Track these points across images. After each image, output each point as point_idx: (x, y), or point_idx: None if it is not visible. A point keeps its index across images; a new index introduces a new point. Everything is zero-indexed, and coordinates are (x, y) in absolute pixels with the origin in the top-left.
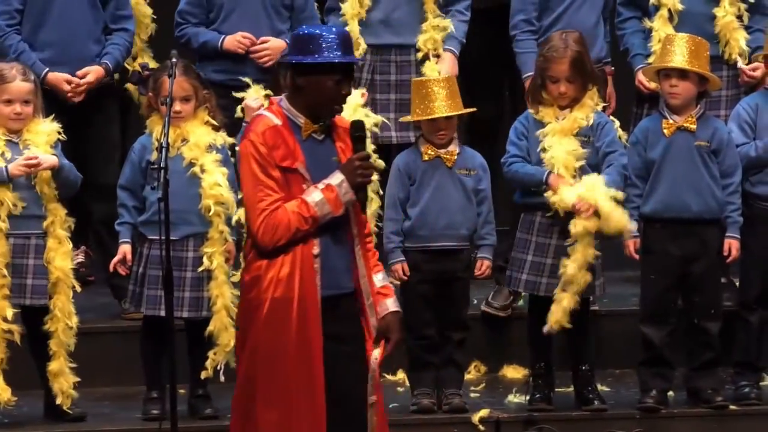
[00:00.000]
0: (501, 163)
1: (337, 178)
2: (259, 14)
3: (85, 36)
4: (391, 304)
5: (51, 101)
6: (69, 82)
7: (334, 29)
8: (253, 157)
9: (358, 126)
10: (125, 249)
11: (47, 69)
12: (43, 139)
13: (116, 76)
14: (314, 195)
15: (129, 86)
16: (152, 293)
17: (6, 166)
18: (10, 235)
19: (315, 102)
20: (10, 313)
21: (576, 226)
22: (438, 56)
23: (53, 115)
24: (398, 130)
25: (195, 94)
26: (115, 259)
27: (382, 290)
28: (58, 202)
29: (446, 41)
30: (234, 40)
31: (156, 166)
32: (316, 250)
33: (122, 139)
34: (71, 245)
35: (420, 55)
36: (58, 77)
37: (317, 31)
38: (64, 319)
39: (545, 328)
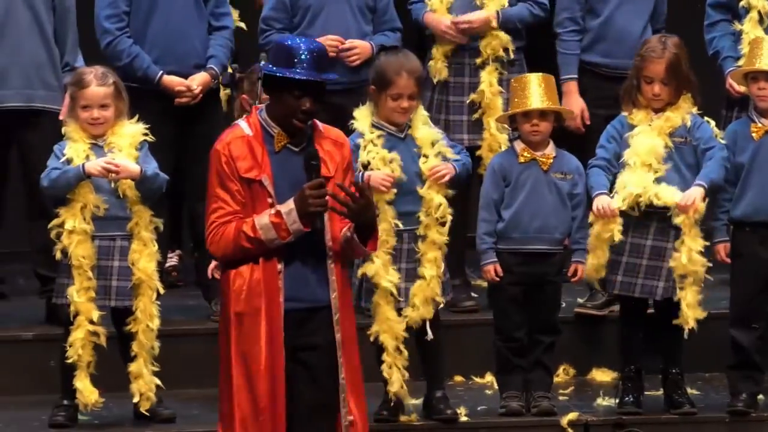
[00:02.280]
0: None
1: (287, 206)
2: (345, 17)
3: (189, 34)
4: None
5: (162, 101)
6: (182, 87)
7: (312, 44)
8: (215, 167)
9: (311, 155)
10: None
11: (161, 72)
12: (127, 141)
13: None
14: (263, 219)
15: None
16: None
17: (83, 164)
18: (96, 237)
19: (279, 114)
20: (96, 315)
21: (679, 216)
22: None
23: (137, 116)
24: (469, 133)
25: None
26: (212, 266)
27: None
28: (142, 204)
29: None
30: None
31: None
32: (279, 266)
33: None
34: (156, 247)
35: (479, 61)
36: (172, 81)
37: (291, 43)
38: (145, 321)
39: (686, 330)
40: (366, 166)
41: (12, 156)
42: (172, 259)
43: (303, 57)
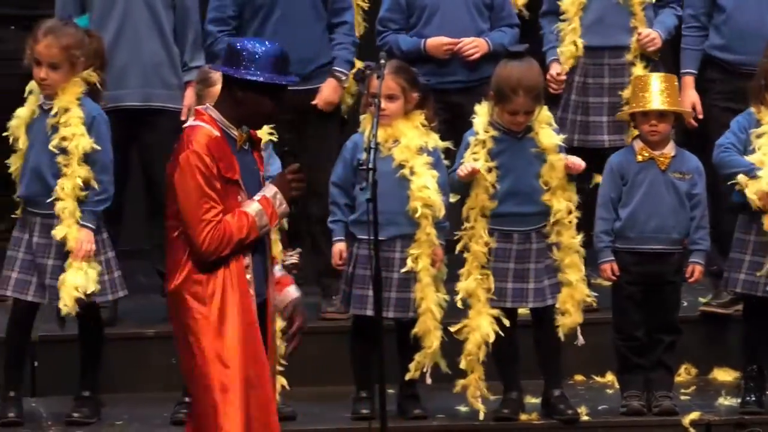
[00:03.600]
0: (715, 145)
1: (271, 190)
2: (461, 14)
3: (307, 36)
4: (293, 291)
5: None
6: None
7: (278, 48)
8: (199, 169)
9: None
10: (340, 247)
11: None
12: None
13: None
14: (253, 206)
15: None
16: (359, 292)
17: None
18: None
19: (251, 116)
20: None
21: None
22: (649, 59)
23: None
24: (610, 134)
25: (403, 94)
26: (334, 260)
27: (281, 280)
28: None
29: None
30: (437, 47)
31: (365, 166)
32: (246, 260)
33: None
34: (280, 247)
35: (630, 57)
36: None
37: (261, 47)
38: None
39: None
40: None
41: (132, 155)
42: (293, 257)
43: (281, 61)
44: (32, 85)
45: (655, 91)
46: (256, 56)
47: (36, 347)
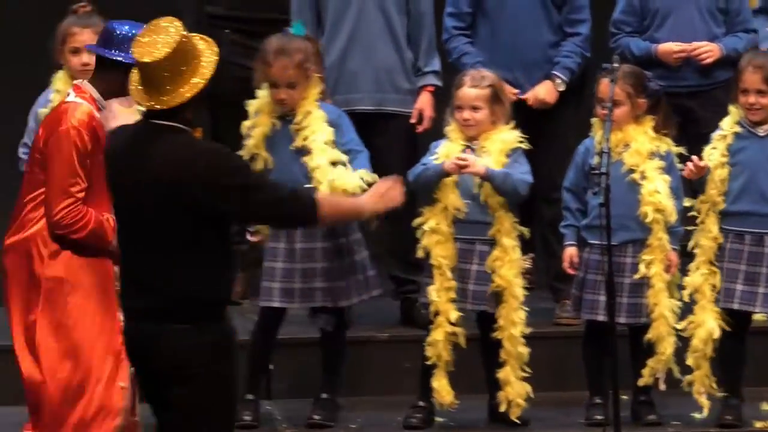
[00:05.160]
0: None
1: None
2: (694, 19)
3: (535, 40)
4: None
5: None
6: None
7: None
8: (75, 145)
9: None
10: (571, 252)
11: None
12: (497, 147)
13: None
14: None
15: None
16: (591, 297)
17: (443, 162)
18: (457, 240)
19: (121, 93)
20: (454, 315)
21: None
22: None
23: (514, 123)
24: None
25: (628, 100)
26: (565, 265)
27: None
28: (505, 210)
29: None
30: (668, 54)
31: (597, 171)
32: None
33: None
34: (519, 254)
35: None
36: (510, 90)
37: (131, 30)
38: (509, 328)
39: None
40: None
41: None
42: (525, 262)
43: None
44: (259, 104)
45: None
46: (126, 38)
47: (272, 351)
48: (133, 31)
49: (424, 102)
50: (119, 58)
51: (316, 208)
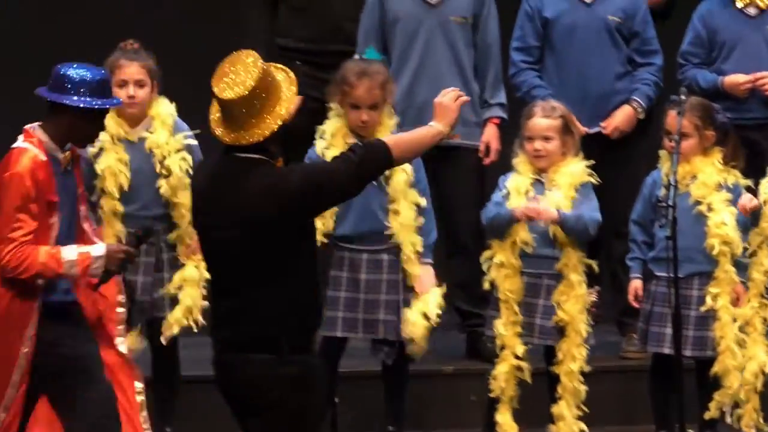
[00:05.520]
0: None
1: (98, 251)
2: (761, 51)
3: (603, 73)
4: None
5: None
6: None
7: (97, 73)
8: (19, 191)
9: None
10: (636, 284)
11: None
12: (567, 180)
13: None
14: (69, 253)
15: None
16: (657, 330)
17: (512, 208)
18: (524, 273)
19: (73, 138)
20: (521, 349)
21: None
22: None
23: (582, 154)
24: None
25: (696, 132)
26: (630, 297)
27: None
28: (573, 245)
29: None
30: (734, 87)
31: (664, 203)
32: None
33: None
34: (584, 290)
35: None
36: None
37: (82, 73)
38: (568, 363)
39: None
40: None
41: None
42: (592, 295)
43: (88, 86)
44: (333, 128)
45: None
46: (77, 82)
47: (336, 383)
48: (82, 73)
49: (491, 135)
50: (66, 102)
51: (390, 153)
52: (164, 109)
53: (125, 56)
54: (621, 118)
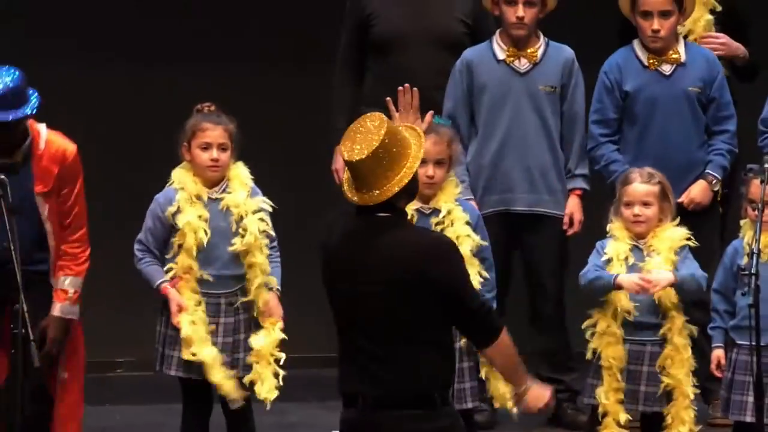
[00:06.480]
0: None
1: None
2: None
3: (684, 143)
4: (56, 310)
5: None
6: None
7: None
8: None
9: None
10: (718, 353)
11: None
12: (666, 245)
13: None
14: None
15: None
16: (739, 398)
17: (617, 275)
18: (626, 341)
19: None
20: (623, 417)
21: None
22: None
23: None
24: None
25: None
26: (712, 367)
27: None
28: (677, 310)
29: None
30: None
31: (746, 272)
32: None
33: None
34: (690, 353)
35: None
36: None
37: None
38: (677, 428)
39: None
40: None
41: (514, 256)
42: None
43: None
44: None
45: None
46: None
47: None
48: None
49: (574, 206)
50: None
51: (498, 335)
52: (243, 171)
53: (208, 119)
54: (697, 191)
